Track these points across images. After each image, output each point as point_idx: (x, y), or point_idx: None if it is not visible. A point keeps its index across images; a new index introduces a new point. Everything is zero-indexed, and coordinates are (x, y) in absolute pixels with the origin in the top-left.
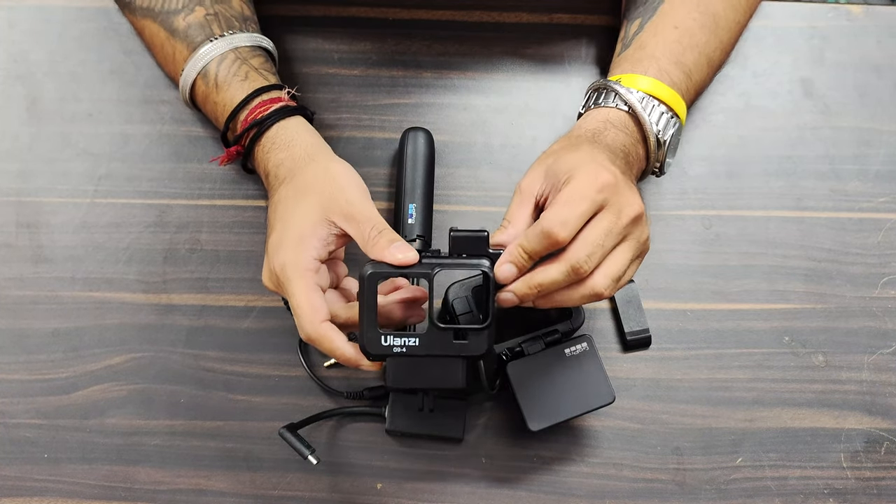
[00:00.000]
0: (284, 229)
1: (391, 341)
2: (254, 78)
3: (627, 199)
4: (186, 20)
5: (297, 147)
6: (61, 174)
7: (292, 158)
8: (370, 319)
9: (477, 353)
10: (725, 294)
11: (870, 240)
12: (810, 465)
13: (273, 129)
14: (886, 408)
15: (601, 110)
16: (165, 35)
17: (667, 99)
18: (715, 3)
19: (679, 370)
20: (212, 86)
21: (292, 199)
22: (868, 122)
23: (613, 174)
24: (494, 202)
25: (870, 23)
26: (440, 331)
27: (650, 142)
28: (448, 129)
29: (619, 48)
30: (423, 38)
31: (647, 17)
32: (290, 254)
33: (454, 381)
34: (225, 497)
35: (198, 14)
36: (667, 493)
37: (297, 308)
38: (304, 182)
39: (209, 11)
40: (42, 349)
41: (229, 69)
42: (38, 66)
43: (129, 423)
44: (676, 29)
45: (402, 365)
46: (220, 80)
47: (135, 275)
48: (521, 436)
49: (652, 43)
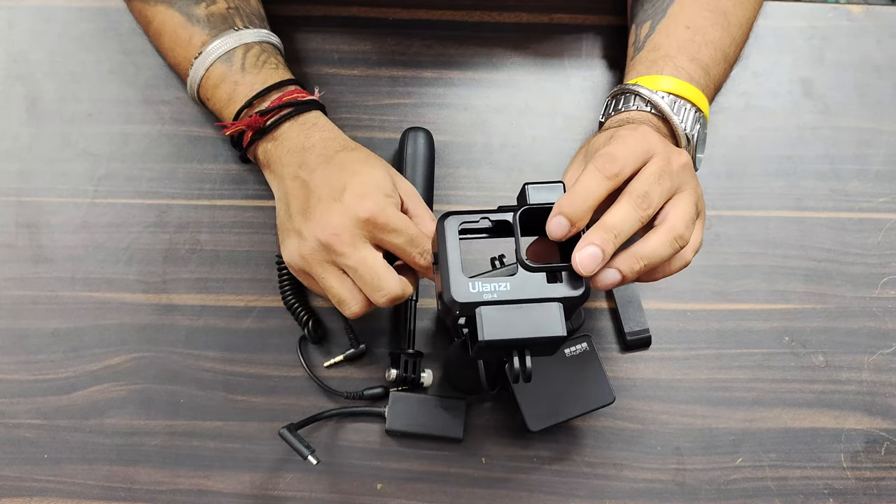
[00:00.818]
0: (366, 177)
1: (480, 287)
2: (284, 70)
3: (673, 149)
4: (209, 9)
5: (338, 132)
6: (61, 174)
7: (343, 138)
8: (454, 265)
9: (576, 294)
10: (725, 294)
11: (870, 240)
12: (810, 466)
13: (314, 113)
14: (886, 408)
15: (623, 115)
16: (182, 20)
17: (689, 95)
18: (724, 2)
19: (679, 370)
20: (237, 68)
21: (363, 161)
22: (868, 122)
23: (654, 134)
24: (494, 202)
25: (870, 23)
26: (531, 272)
27: (679, 139)
28: (448, 129)
29: (632, 52)
30: (423, 38)
31: (658, 18)
32: (380, 199)
33: (553, 328)
34: (225, 497)
35: (220, 6)
36: (667, 493)
37: (413, 237)
38: (367, 153)
39: (230, 5)
40: (42, 349)
41: (258, 57)
42: (38, 66)
43: (129, 423)
44: (689, 28)
45: (494, 315)
46: (249, 64)
47: (135, 275)
48: (521, 436)
49: (666, 43)
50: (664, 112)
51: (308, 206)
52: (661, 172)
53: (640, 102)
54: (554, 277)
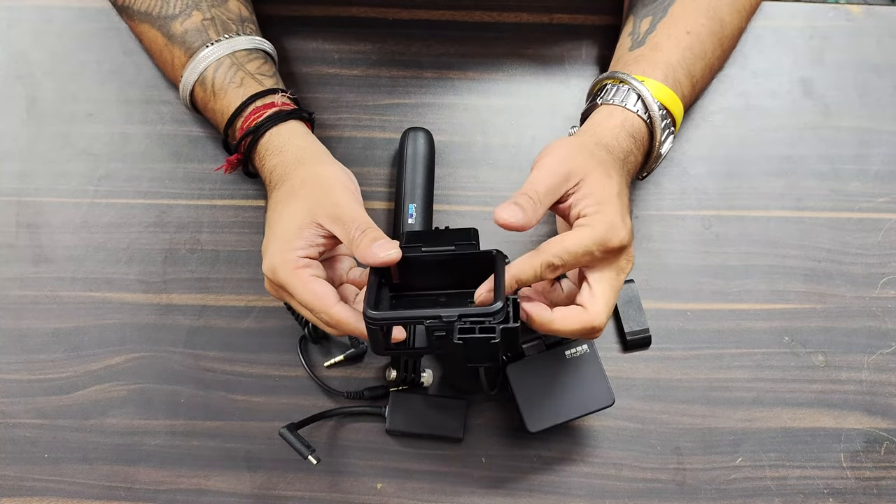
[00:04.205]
0: (272, 234)
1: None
2: (249, 84)
3: (628, 253)
4: (184, 25)
5: (287, 152)
6: (61, 174)
7: (283, 164)
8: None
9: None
10: (725, 294)
11: (870, 240)
12: (810, 465)
13: (266, 135)
14: (886, 408)
15: (621, 111)
16: (164, 41)
17: (675, 112)
18: (722, 9)
19: (679, 370)
20: (209, 93)
21: (281, 203)
22: (868, 122)
23: (627, 232)
24: (494, 202)
25: (870, 23)
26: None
27: (652, 155)
28: (448, 129)
29: (629, 42)
30: (423, 38)
31: (659, 16)
32: (277, 256)
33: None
34: (225, 497)
35: (195, 19)
36: (667, 493)
37: (305, 303)
38: (293, 186)
39: (206, 16)
40: (42, 349)
41: (225, 75)
42: (38, 66)
43: (130, 423)
44: (688, 35)
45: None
46: (217, 87)
47: (135, 275)
48: (521, 436)
49: (667, 47)
50: (654, 125)
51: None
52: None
53: (640, 106)
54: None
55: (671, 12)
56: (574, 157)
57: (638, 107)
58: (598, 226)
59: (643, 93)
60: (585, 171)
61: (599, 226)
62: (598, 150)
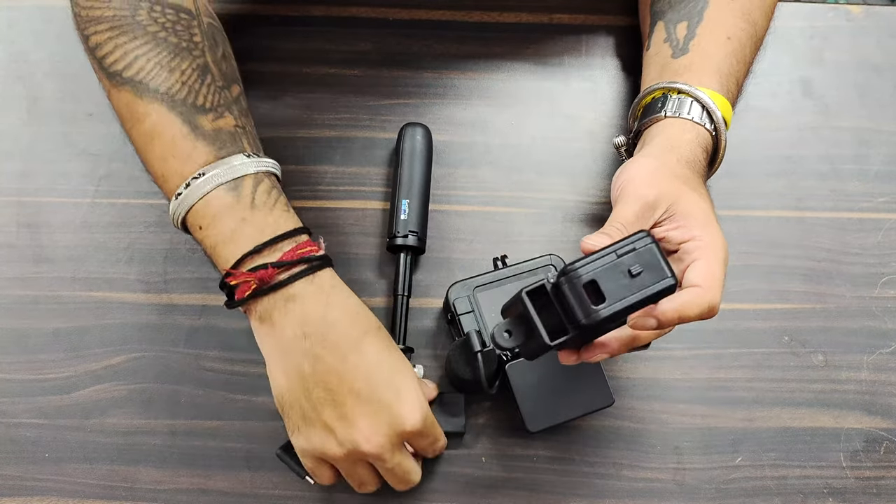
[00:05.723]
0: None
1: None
2: (294, 215)
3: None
4: (216, 123)
5: (357, 302)
6: (61, 174)
7: (361, 309)
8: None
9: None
10: (725, 294)
11: (870, 240)
12: (810, 465)
13: (327, 272)
14: (886, 407)
15: (692, 125)
16: (183, 130)
17: (728, 122)
18: (755, 11)
19: (679, 370)
20: (246, 202)
21: (398, 360)
22: (868, 122)
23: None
24: (494, 202)
25: (870, 23)
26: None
27: (713, 168)
28: (448, 129)
29: (669, 49)
30: (423, 38)
31: (696, 20)
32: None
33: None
34: (225, 497)
35: (228, 121)
36: (667, 493)
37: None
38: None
39: (238, 123)
40: (43, 349)
41: (269, 193)
42: (38, 66)
43: (130, 423)
44: (730, 40)
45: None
46: (259, 200)
47: (135, 275)
48: (521, 436)
49: (716, 55)
50: (720, 137)
51: (344, 405)
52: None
53: (704, 116)
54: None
55: (707, 17)
56: (659, 182)
57: (704, 119)
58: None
59: (710, 106)
60: (676, 195)
61: (715, 250)
62: (679, 167)
